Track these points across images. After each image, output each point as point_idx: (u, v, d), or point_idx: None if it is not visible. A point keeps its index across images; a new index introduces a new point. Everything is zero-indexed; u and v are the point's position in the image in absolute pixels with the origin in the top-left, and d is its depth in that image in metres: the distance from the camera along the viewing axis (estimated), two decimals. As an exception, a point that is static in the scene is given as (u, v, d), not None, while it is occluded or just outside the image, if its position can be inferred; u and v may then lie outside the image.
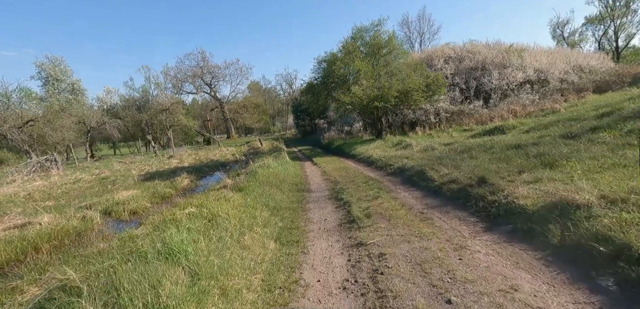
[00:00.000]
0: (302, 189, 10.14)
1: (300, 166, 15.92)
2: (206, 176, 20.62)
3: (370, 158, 14.57)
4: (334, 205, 7.87)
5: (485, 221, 5.56)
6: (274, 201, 8.14)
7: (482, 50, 29.76)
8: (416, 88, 18.54)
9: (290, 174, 12.72)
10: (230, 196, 7.21)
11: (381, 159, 13.44)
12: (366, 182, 9.99)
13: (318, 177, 12.42)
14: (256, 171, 11.83)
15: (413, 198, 7.66)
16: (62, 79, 48.74)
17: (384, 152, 15.19)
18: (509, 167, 7.46)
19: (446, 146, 12.85)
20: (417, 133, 22.44)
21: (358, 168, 13.49)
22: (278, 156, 17.71)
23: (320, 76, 21.48)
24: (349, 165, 14.79)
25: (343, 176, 11.61)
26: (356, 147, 19.27)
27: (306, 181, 11.54)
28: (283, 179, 11.38)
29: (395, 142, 17.32)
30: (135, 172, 23.27)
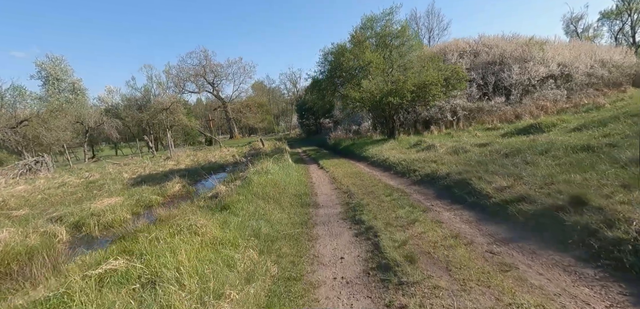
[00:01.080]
0: (307, 203, 7.79)
1: (305, 171, 13.59)
2: (201, 180, 18.38)
3: (387, 161, 12.19)
4: (352, 231, 5.51)
5: (617, 277, 3.20)
6: (269, 224, 5.81)
7: (500, 43, 27.26)
8: (435, 82, 16.12)
9: (292, 182, 10.38)
10: (202, 224, 4.88)
11: (400, 162, 11.06)
12: (389, 194, 7.61)
13: (326, 185, 10.07)
14: (251, 178, 9.51)
15: (465, 223, 5.28)
16: (63, 78, 46.87)
17: (402, 154, 12.81)
18: (603, 180, 5.08)
19: (481, 148, 10.43)
20: (433, 132, 20.03)
21: (373, 174, 11.12)
22: (280, 158, 15.39)
23: (326, 70, 19.16)
24: (361, 169, 12.42)
25: (358, 185, 9.25)
26: (367, 148, 16.89)
27: (312, 191, 9.19)
28: (283, 188, 9.05)
29: (413, 143, 14.92)
30: (127, 175, 21.11)
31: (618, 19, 44.61)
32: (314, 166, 14.93)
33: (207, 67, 50.05)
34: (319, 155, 19.55)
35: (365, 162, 14.27)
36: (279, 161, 14.97)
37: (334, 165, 14.05)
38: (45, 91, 45.51)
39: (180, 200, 14.54)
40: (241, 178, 12.24)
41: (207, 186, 17.75)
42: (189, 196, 15.05)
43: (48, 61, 46.15)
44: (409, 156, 11.91)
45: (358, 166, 13.58)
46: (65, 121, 34.86)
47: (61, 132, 32.34)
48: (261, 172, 10.78)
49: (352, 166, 13.43)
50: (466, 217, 5.55)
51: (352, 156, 17.15)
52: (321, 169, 13.74)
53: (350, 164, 14.33)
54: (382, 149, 15.31)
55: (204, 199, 11.55)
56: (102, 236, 9.81)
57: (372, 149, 16.12)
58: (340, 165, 13.98)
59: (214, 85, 51.42)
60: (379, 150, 15.12)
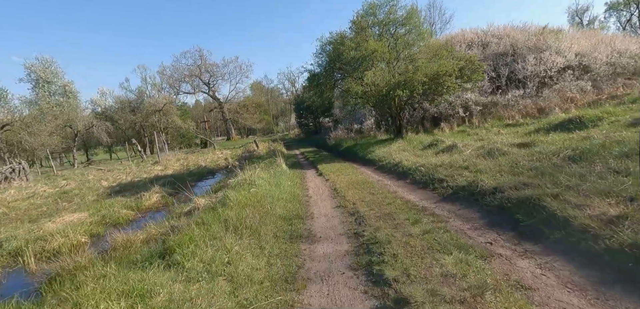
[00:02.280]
0: (299, 234, 5.36)
1: (301, 179, 11.15)
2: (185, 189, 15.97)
3: (400, 167, 9.76)
4: (373, 303, 3.12)
5: None
6: (231, 287, 3.42)
7: (511, 33, 24.82)
8: (449, 72, 13.69)
9: (283, 196, 7.95)
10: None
11: (418, 168, 8.63)
12: (416, 219, 5.17)
13: (326, 200, 7.63)
14: (227, 196, 7.09)
15: (573, 289, 2.89)
16: (53, 81, 44.39)
17: (417, 157, 10.38)
18: None
19: (522, 149, 7.99)
20: (444, 130, 17.64)
21: (385, 183, 8.70)
22: (272, 163, 12.98)
23: (324, 62, 16.74)
24: (368, 177, 9.99)
25: (367, 201, 6.82)
26: (372, 149, 14.48)
27: (307, 212, 6.75)
28: (269, 208, 6.62)
29: (427, 143, 12.50)
30: (106, 183, 18.73)
31: (626, 9, 42.14)
32: (312, 172, 12.49)
33: (203, 67, 47.61)
34: (318, 158, 17.11)
35: (372, 167, 11.84)
36: (270, 166, 12.56)
37: (335, 171, 11.61)
38: (35, 94, 43.08)
39: (155, 213, 12.26)
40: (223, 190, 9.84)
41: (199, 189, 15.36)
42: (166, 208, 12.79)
43: (38, 63, 43.71)
44: (427, 159, 9.48)
45: (364, 171, 11.15)
46: (51, 125, 32.50)
47: (46, 137, 29.93)
48: (244, 184, 8.36)
49: (356, 172, 11.00)
50: (567, 275, 3.14)
51: (356, 159, 14.72)
52: (320, 175, 11.30)
53: (354, 169, 11.89)
54: (390, 150, 12.90)
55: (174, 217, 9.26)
56: (40, 270, 7.47)
57: (379, 150, 13.71)
58: (343, 171, 11.54)
59: (209, 85, 48.95)
60: (387, 152, 12.70)
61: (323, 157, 17.34)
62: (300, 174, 12.10)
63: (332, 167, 12.69)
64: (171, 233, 5.98)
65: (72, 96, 45.41)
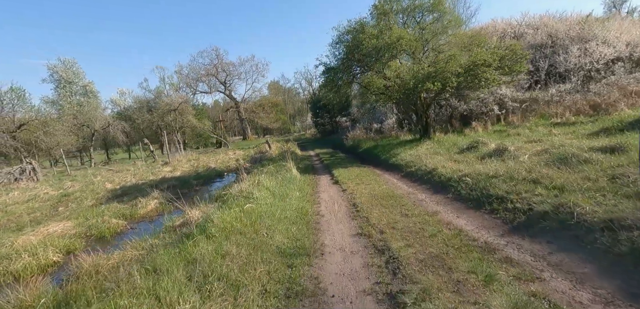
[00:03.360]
0: (300, 288, 3.44)
1: (313, 188, 9.23)
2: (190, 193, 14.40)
3: (435, 174, 7.67)
4: None
5: None
6: None
7: (549, 22, 22.05)
8: (488, 62, 11.43)
9: (287, 214, 6.05)
10: None
11: (463, 178, 6.53)
12: (486, 274, 3.14)
13: (343, 222, 5.68)
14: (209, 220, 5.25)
15: None
16: (75, 81, 44.44)
17: (456, 163, 8.26)
18: None
19: (611, 155, 5.77)
20: (476, 130, 15.33)
21: (418, 197, 6.64)
22: (280, 168, 11.12)
23: (341, 54, 14.74)
24: (396, 187, 7.95)
25: (400, 228, 4.82)
26: (397, 151, 12.39)
27: (316, 241, 4.81)
28: (265, 236, 4.74)
29: (463, 145, 10.31)
30: (110, 185, 17.45)
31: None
32: (327, 179, 10.54)
33: (219, 66, 46.46)
34: (334, 161, 15.14)
35: (398, 174, 9.76)
36: (279, 171, 10.71)
37: (353, 178, 9.62)
38: (57, 94, 43.20)
39: (149, 224, 10.68)
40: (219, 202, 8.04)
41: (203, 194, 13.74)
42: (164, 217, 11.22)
43: (60, 64, 43.87)
44: (471, 166, 7.34)
45: (388, 179, 9.10)
46: (68, 124, 32.06)
47: (62, 136, 29.40)
48: (239, 198, 6.52)
49: (379, 180, 8.97)
50: None
51: (377, 163, 12.66)
52: (336, 184, 9.34)
53: (376, 175, 9.85)
54: (418, 153, 10.79)
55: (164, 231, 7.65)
56: (-13, 302, 5.87)
57: (404, 153, 11.62)
58: (363, 178, 9.53)
59: (226, 85, 47.78)
60: (415, 155, 10.60)
61: (339, 160, 15.35)
62: (312, 181, 10.18)
63: (350, 173, 10.70)
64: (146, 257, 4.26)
65: (93, 96, 45.33)
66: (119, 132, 34.17)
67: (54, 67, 43.31)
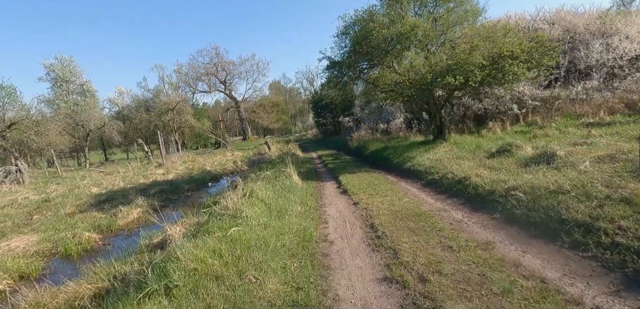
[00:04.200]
0: None
1: (317, 199, 7.67)
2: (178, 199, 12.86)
3: (468, 185, 6.12)
4: None
5: None
6: None
7: (567, 17, 20.48)
8: (515, 54, 9.88)
9: (285, 241, 4.51)
10: None
11: (512, 193, 4.99)
12: None
13: (361, 255, 4.14)
14: (173, 257, 3.69)
15: None
16: (72, 80, 42.90)
17: (490, 170, 6.70)
18: None
19: None
20: (494, 130, 13.81)
21: (455, 217, 5.09)
22: (279, 174, 9.57)
23: (347, 47, 13.20)
24: (420, 200, 6.39)
25: (449, 273, 3.26)
26: (411, 155, 10.83)
27: (325, 290, 3.29)
28: (251, 282, 3.20)
29: (493, 149, 8.75)
30: (96, 189, 15.92)
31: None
32: (333, 187, 8.99)
33: (219, 65, 44.97)
34: (339, 164, 13.57)
35: (417, 181, 8.20)
36: (278, 177, 9.18)
37: (365, 186, 8.07)
38: (53, 93, 41.70)
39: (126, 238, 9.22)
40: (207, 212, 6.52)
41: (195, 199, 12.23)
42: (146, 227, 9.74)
43: (57, 62, 42.36)
44: (517, 176, 5.78)
45: (408, 189, 7.55)
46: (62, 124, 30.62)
47: (54, 137, 27.93)
48: (224, 217, 4.99)
49: (396, 189, 7.42)
50: None
51: (389, 168, 11.08)
52: (344, 193, 7.79)
53: (391, 184, 8.30)
54: (438, 157, 9.26)
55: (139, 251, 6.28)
56: None
57: (420, 157, 10.06)
58: (375, 186, 7.99)
59: (226, 84, 46.28)
60: (435, 160, 9.06)
61: (345, 163, 13.80)
62: (316, 190, 8.63)
63: (360, 180, 9.15)
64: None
65: (90, 95, 43.80)
66: (114, 132, 32.69)
67: (50, 65, 41.79)
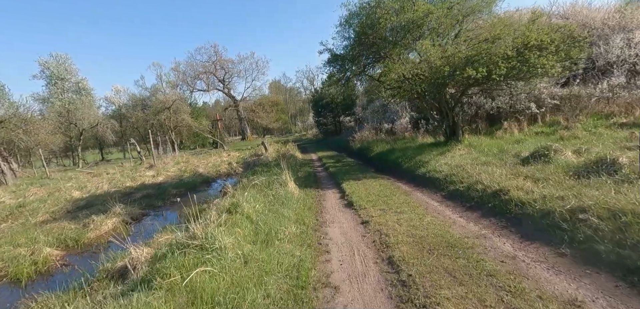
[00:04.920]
0: None
1: (316, 214, 6.27)
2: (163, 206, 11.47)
3: (509, 202, 4.73)
4: None
5: None
6: None
7: (582, 11, 19.09)
8: (544, 44, 8.50)
9: (270, 290, 3.11)
10: None
11: (586, 218, 3.64)
12: None
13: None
14: None
15: None
16: (67, 77, 41.46)
17: (537, 184, 5.28)
18: None
19: None
20: (510, 131, 12.45)
21: (503, 249, 3.70)
22: (276, 177, 8.17)
23: (351, 39, 11.80)
24: (449, 222, 4.99)
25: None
26: (424, 159, 9.42)
27: None
28: None
29: (524, 153, 7.34)
30: (78, 193, 14.54)
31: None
32: (335, 197, 7.58)
33: (218, 64, 43.52)
34: (342, 168, 12.17)
35: (435, 192, 6.80)
36: (271, 184, 7.79)
37: (374, 197, 6.68)
38: (48, 91, 40.30)
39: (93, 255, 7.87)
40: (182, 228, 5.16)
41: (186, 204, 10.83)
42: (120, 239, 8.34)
43: (52, 60, 40.93)
44: (578, 193, 4.39)
45: (425, 201, 6.15)
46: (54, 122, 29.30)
47: (44, 135, 26.56)
48: (187, 251, 3.59)
49: (413, 204, 6.02)
50: None
51: (399, 173, 9.65)
52: (349, 206, 6.40)
53: (405, 195, 6.89)
54: (455, 162, 7.86)
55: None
56: None
57: (435, 161, 8.67)
58: (387, 197, 6.59)
59: (224, 82, 44.86)
60: (454, 165, 7.65)
61: (348, 167, 12.40)
62: (315, 201, 7.23)
63: (366, 187, 7.76)
64: None
65: (86, 93, 42.35)
66: (108, 131, 31.32)
67: (45, 63, 40.34)
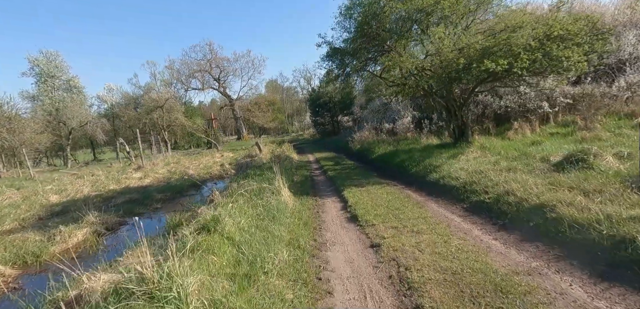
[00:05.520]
0: None
1: (313, 231, 5.13)
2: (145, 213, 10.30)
3: (559, 223, 3.68)
4: None
5: None
6: None
7: (591, 6, 18.15)
8: (571, 35, 7.47)
9: None
10: None
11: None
12: None
13: None
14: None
15: None
16: (58, 75, 39.96)
17: (589, 198, 4.26)
18: None
19: None
20: (522, 131, 11.44)
21: (575, 294, 2.67)
22: (269, 183, 7.04)
23: (352, 31, 10.69)
24: (483, 248, 3.91)
25: None
26: (434, 163, 8.32)
27: None
28: None
29: (554, 159, 6.28)
30: (56, 197, 13.34)
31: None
32: (335, 209, 6.47)
33: (213, 62, 42.20)
34: (342, 172, 11.06)
35: (456, 204, 5.70)
36: (262, 192, 6.66)
37: (382, 211, 5.57)
38: (37, 89, 38.79)
39: (48, 276, 6.56)
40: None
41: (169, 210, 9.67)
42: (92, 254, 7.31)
43: (42, 57, 39.42)
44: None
45: (445, 216, 5.05)
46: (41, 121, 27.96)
47: (31, 135, 25.23)
48: (131, 305, 2.46)
49: (430, 218, 4.92)
50: None
51: (406, 178, 8.53)
52: (354, 221, 5.30)
53: (420, 207, 5.77)
54: (472, 166, 6.79)
55: None
56: None
57: (447, 165, 7.58)
58: (397, 211, 5.50)
59: (220, 81, 43.59)
60: (471, 170, 6.57)
61: (348, 170, 11.28)
62: (312, 214, 6.11)
63: (371, 196, 6.66)
64: None
65: (78, 92, 40.90)
66: (98, 130, 29.99)
67: (34, 60, 38.84)
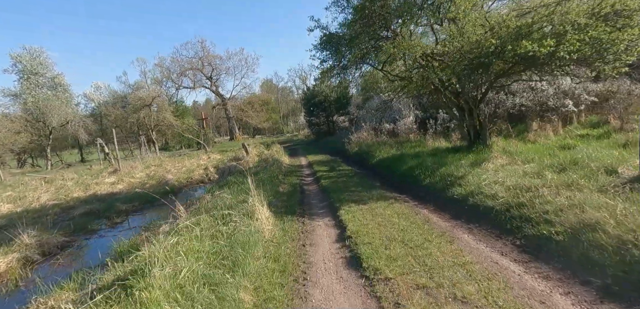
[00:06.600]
0: None
1: (293, 283, 3.35)
2: (100, 229, 8.43)
3: None
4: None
5: None
6: None
7: (607, -2, 16.46)
8: (630, 8, 5.79)
9: None
10: None
11: None
12: None
13: None
14: None
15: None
16: (42, 72, 37.61)
17: None
18: None
19: None
20: (545, 133, 9.77)
21: None
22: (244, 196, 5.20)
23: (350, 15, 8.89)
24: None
25: None
26: (452, 171, 6.51)
27: None
28: None
29: (625, 173, 4.54)
30: (9, 207, 11.36)
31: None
32: (328, 237, 4.64)
33: (205, 60, 40.20)
34: (337, 179, 9.23)
35: (501, 237, 3.87)
36: (230, 214, 4.80)
37: (396, 247, 3.77)
38: (20, 86, 36.44)
39: None
40: None
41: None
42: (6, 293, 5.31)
43: (25, 53, 37.08)
44: None
45: (497, 262, 3.21)
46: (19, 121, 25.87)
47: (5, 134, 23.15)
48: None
49: (469, 262, 3.11)
50: None
51: (418, 190, 6.67)
52: (355, 269, 3.49)
53: (449, 242, 3.93)
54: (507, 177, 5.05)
55: None
56: None
57: (473, 177, 5.78)
58: (418, 248, 3.70)
59: (212, 79, 41.56)
60: (510, 185, 4.79)
61: (345, 178, 9.44)
62: (295, 252, 4.26)
63: (377, 219, 4.86)
64: None
65: (63, 90, 38.53)
66: (80, 130, 27.87)
67: (17, 56, 36.50)
